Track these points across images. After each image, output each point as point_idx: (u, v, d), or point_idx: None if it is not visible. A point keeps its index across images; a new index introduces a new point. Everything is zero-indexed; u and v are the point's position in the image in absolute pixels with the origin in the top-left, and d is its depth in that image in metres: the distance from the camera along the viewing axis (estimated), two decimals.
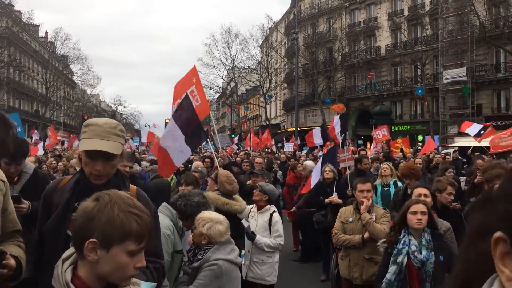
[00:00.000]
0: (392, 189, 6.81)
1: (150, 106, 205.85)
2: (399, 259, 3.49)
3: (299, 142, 26.18)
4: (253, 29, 64.89)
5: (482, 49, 31.89)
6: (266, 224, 5.12)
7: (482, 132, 14.92)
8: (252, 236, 4.97)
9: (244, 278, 4.58)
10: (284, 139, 30.42)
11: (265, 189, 5.24)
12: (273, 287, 5.18)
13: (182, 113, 5.64)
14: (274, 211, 5.17)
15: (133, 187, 2.47)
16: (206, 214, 3.46)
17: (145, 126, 63.56)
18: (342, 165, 8.85)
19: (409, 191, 6.17)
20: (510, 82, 30.68)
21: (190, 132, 5.58)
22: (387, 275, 3.51)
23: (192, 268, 3.32)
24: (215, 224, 3.33)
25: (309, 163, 9.77)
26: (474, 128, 16.83)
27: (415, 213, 3.58)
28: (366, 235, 4.65)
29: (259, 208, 5.24)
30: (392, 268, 3.49)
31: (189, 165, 10.13)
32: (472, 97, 31.86)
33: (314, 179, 7.67)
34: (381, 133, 19.19)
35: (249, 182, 7.17)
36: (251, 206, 5.40)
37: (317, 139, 17.46)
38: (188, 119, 5.60)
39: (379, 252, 4.41)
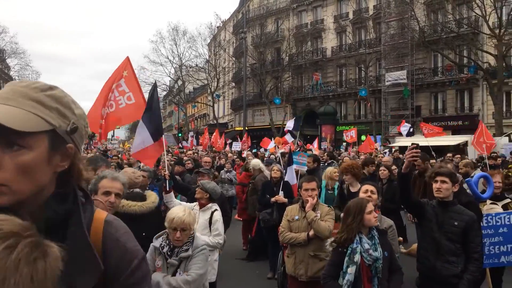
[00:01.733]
0: (335, 194, 6.92)
1: (92, 103, 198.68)
2: (356, 258, 3.51)
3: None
4: (201, 27, 64.54)
5: (421, 53, 33.46)
6: (207, 223, 5.00)
7: (412, 130, 16.16)
8: None
9: None
10: (238, 138, 30.25)
11: (206, 187, 5.14)
12: (214, 285, 5.11)
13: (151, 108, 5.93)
14: (215, 210, 5.10)
15: (99, 218, 1.26)
16: (181, 207, 3.89)
17: None
18: None
19: (351, 189, 6.31)
20: (447, 85, 32.40)
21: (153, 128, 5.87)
22: (348, 276, 3.49)
23: (179, 259, 3.65)
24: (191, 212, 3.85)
25: (255, 161, 9.78)
26: (404, 127, 17.91)
27: (371, 212, 3.66)
28: (311, 233, 4.69)
29: (201, 206, 5.15)
30: (352, 269, 3.48)
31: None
32: (411, 99, 33.39)
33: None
34: (350, 134, 20.24)
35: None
36: (194, 203, 5.31)
37: (291, 125, 18.08)
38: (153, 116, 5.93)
39: (324, 249, 4.47)
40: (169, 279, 3.57)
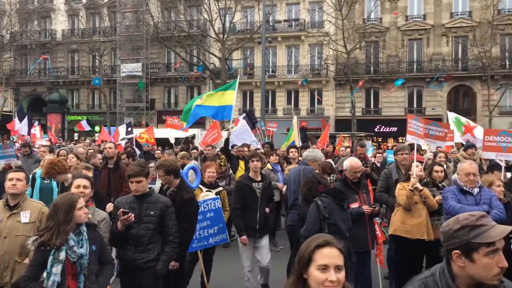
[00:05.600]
0: (54, 183, 6.30)
1: None
2: (62, 256, 3.27)
3: None
4: None
5: (156, 48, 34.56)
6: None
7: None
8: None
9: None
10: None
11: None
12: None
13: None
14: None
15: None
16: None
17: None
18: None
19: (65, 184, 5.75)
20: (179, 81, 34.38)
21: None
22: (53, 277, 3.20)
23: None
24: None
25: None
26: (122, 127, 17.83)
27: (81, 208, 3.43)
28: None
29: None
30: (58, 268, 3.24)
31: None
32: (146, 92, 34.16)
33: None
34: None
35: None
36: None
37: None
38: None
39: (28, 251, 3.92)
40: None
